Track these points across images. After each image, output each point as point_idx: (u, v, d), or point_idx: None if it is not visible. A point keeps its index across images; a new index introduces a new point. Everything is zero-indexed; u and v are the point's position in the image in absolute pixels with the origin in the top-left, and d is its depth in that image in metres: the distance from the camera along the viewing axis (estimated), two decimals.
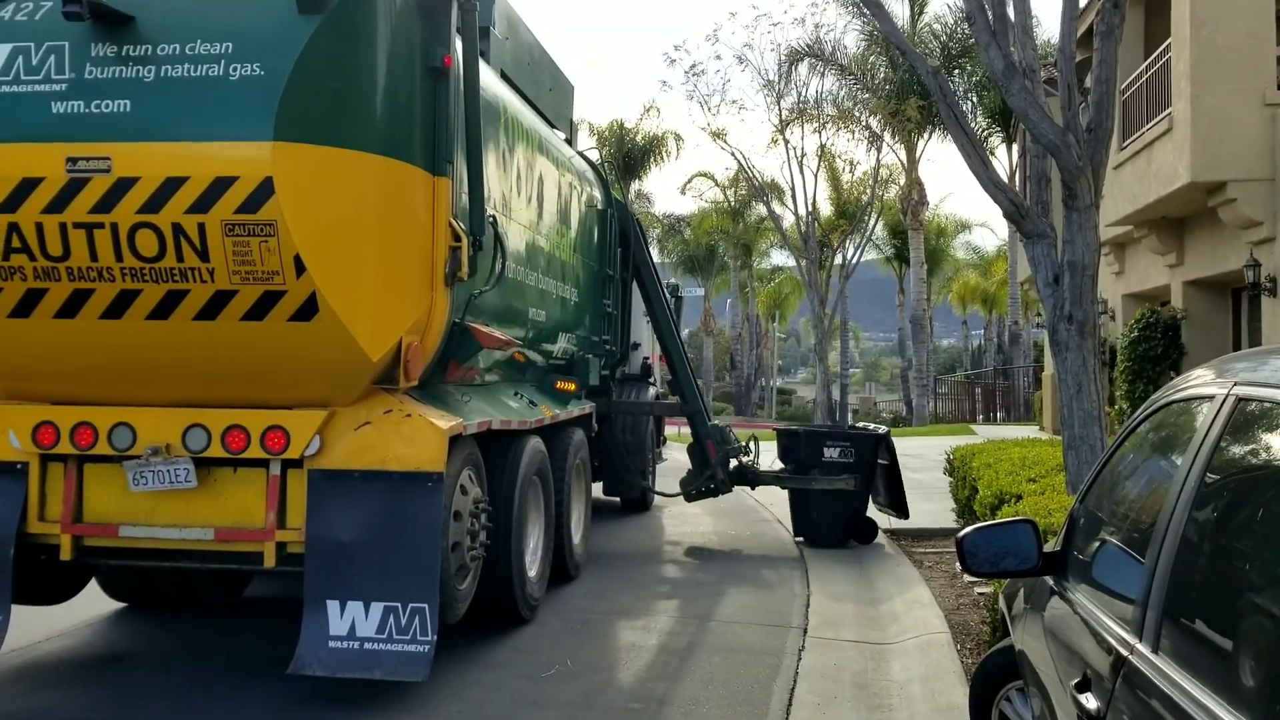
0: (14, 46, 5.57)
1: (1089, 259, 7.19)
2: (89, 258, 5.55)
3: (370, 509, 5.86)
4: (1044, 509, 6.54)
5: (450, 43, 6.21)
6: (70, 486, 6.15)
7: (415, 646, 5.69)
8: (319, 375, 5.92)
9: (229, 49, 5.46)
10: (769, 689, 6.45)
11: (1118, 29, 7.28)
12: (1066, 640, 3.17)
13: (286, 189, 5.40)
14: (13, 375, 6.11)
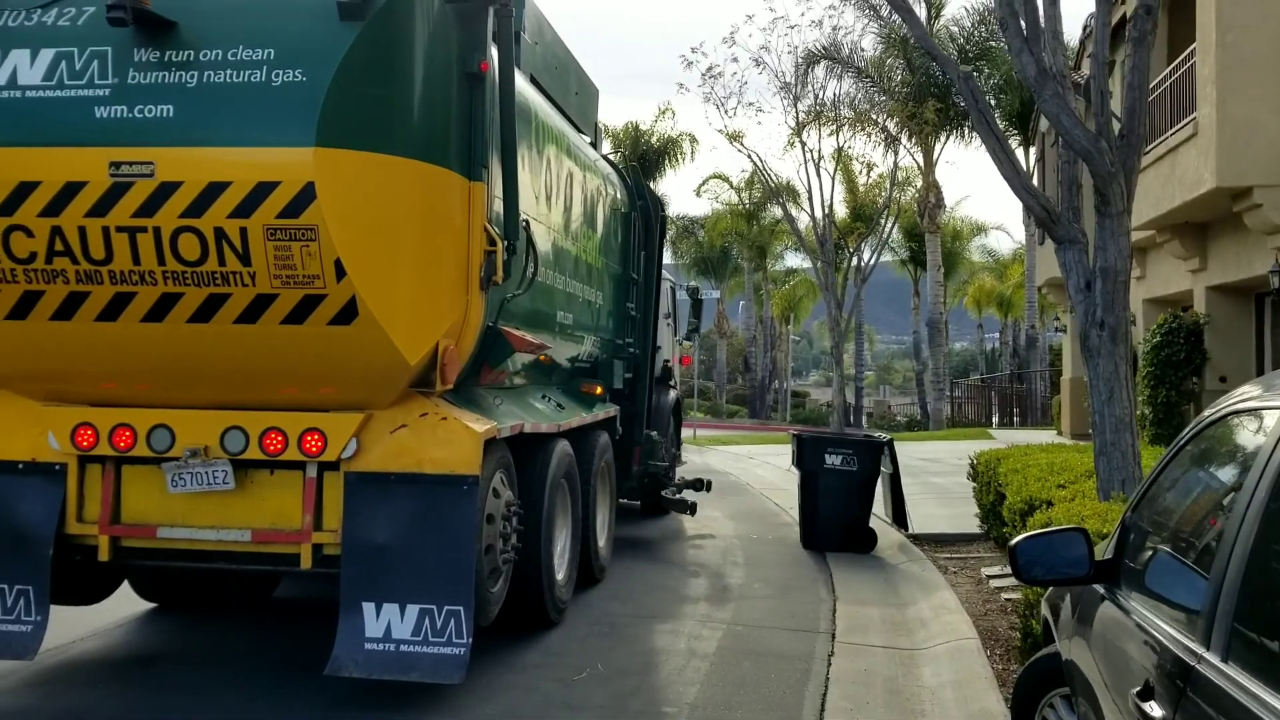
0: (57, 51, 5.60)
1: (1121, 265, 7.18)
2: (131, 261, 5.57)
3: (406, 511, 5.88)
4: (1077, 515, 6.53)
5: (486, 49, 6.24)
6: (108, 488, 6.19)
7: (451, 649, 5.73)
8: (357, 378, 5.96)
9: (271, 55, 5.48)
10: (800, 694, 6.46)
11: (1150, 35, 7.26)
12: (1122, 648, 3.17)
13: (328, 194, 5.43)
14: (53, 377, 6.17)
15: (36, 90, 5.60)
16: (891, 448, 11.64)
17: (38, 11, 5.67)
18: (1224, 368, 14.97)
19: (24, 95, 5.60)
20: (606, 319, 10.27)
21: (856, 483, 11.22)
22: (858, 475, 11.22)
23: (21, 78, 5.60)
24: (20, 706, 6.06)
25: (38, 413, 6.24)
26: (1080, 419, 21.52)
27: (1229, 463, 3.02)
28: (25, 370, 6.15)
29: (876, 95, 31.52)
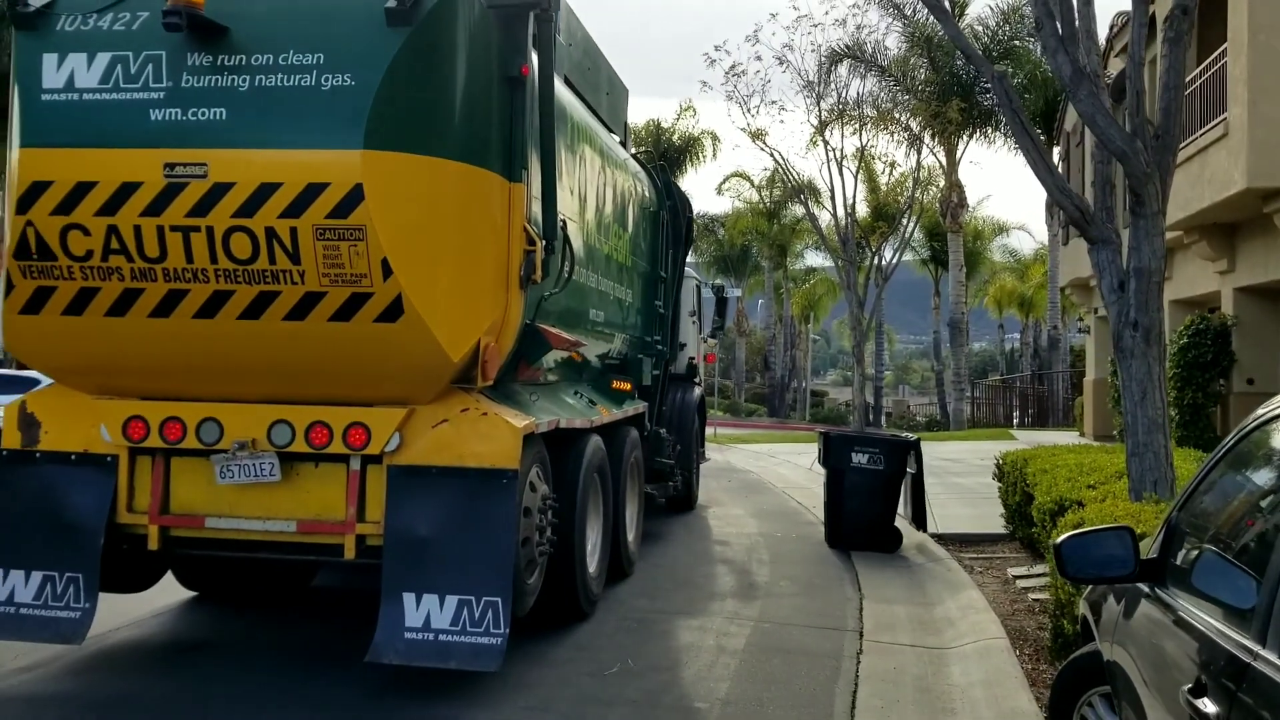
0: (113, 55, 5.75)
1: (1155, 265, 7.16)
2: (185, 259, 5.73)
3: (447, 504, 5.99)
4: (1109, 516, 6.51)
5: (527, 53, 6.37)
6: (158, 479, 6.34)
7: (488, 639, 5.82)
8: (401, 374, 6.07)
9: (320, 60, 5.64)
10: (831, 691, 6.48)
11: (1186, 35, 7.24)
12: (1170, 646, 3.19)
13: (375, 195, 5.57)
14: (106, 371, 6.31)
15: (93, 93, 5.77)
16: (918, 448, 11.64)
17: (94, 16, 5.83)
18: (1252, 370, 14.88)
19: (81, 98, 5.77)
20: (635, 317, 10.44)
21: (883, 482, 11.22)
22: (884, 474, 11.22)
23: (79, 81, 5.77)
24: (64, 691, 6.22)
25: (90, 405, 6.39)
26: (1103, 420, 21.43)
27: (1278, 465, 3.04)
28: (79, 364, 6.32)
29: (899, 94, 31.43)
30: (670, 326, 12.09)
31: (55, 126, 5.80)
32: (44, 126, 5.83)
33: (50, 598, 6.21)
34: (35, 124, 5.85)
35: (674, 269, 11.95)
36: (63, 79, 5.78)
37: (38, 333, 6.12)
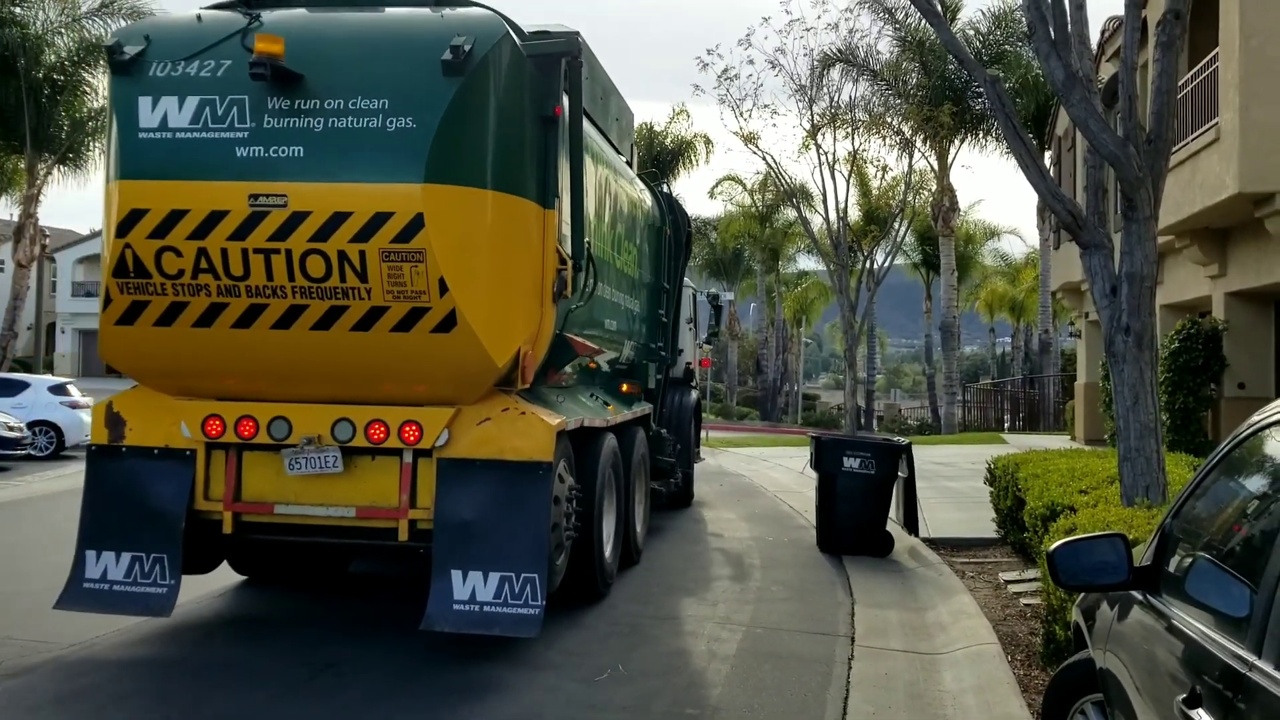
0: (202, 99, 6.50)
1: (1147, 270, 7.15)
2: (266, 278, 6.49)
3: (489, 492, 6.76)
4: (1101, 521, 6.50)
5: (559, 95, 7.10)
6: (231, 470, 7.10)
7: (527, 610, 6.56)
8: (452, 378, 6.85)
9: (385, 104, 6.39)
10: (822, 697, 6.44)
11: (1179, 39, 7.24)
12: (1163, 654, 3.16)
13: (434, 223, 6.35)
14: (189, 375, 7.05)
15: (185, 132, 6.52)
16: (909, 452, 11.62)
17: (182, 63, 6.59)
18: (1243, 374, 14.89)
19: (174, 136, 6.52)
20: (642, 325, 11.14)
21: (874, 486, 11.20)
22: (876, 478, 11.20)
23: (171, 121, 6.53)
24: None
25: (170, 405, 7.14)
26: (1094, 424, 21.45)
27: (1273, 473, 3.01)
28: (165, 369, 7.08)
29: (891, 98, 31.47)
30: (671, 333, 12.74)
31: (151, 161, 6.54)
32: (141, 161, 6.56)
33: (139, 576, 6.98)
34: (133, 158, 6.58)
35: (675, 279, 12.64)
36: (157, 119, 6.54)
37: (131, 341, 6.88)
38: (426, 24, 6.76)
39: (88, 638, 7.29)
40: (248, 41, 6.48)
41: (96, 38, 27.89)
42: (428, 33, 6.62)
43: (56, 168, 28.89)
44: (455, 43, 6.41)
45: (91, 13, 27.63)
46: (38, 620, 7.73)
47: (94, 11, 27.62)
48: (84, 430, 21.03)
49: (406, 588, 6.59)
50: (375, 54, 6.58)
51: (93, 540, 7.06)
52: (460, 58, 6.35)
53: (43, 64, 27.25)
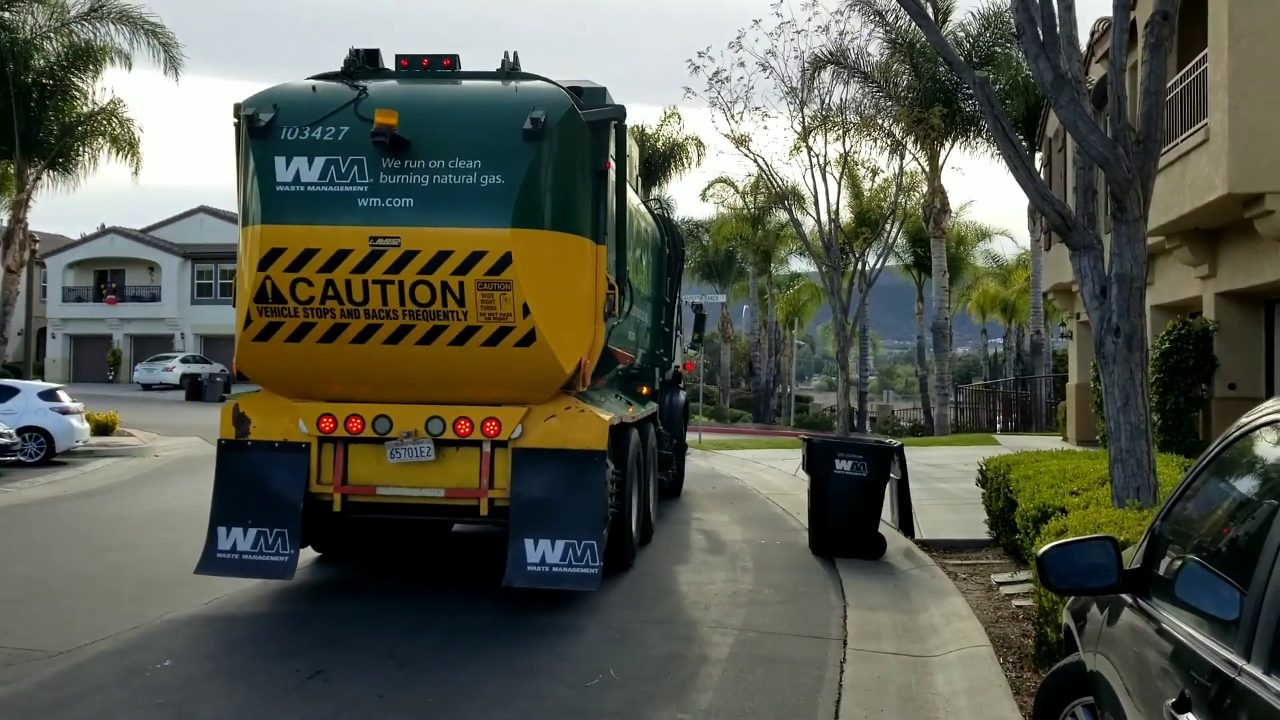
0: (327, 159, 7.94)
1: (1137, 271, 7.14)
2: (381, 303, 7.94)
3: (555, 475, 8.24)
4: (1092, 523, 6.49)
5: (608, 152, 8.64)
6: (339, 460, 8.49)
7: (588, 569, 8.08)
8: (527, 383, 8.34)
9: (479, 164, 7.89)
10: (814, 701, 6.43)
11: (1167, 40, 7.24)
12: (1153, 658, 3.14)
13: (519, 259, 7.86)
14: (309, 382, 8.45)
15: (315, 185, 7.94)
16: (901, 454, 11.60)
17: (309, 128, 8.00)
18: (1233, 375, 14.91)
19: (306, 189, 7.95)
20: (647, 334, 12.58)
21: (867, 488, 11.18)
22: (868, 480, 11.18)
23: (303, 176, 7.96)
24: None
25: (288, 406, 8.52)
26: (1086, 425, 21.47)
27: (1263, 474, 2.99)
28: (291, 377, 8.47)
29: (882, 100, 31.48)
30: (671, 341, 14.53)
31: (287, 209, 7.95)
32: (279, 209, 7.97)
33: (264, 547, 8.29)
34: (272, 207, 7.99)
35: (673, 292, 14.41)
36: (291, 175, 7.96)
37: (264, 355, 8.31)
38: (506, 97, 8.35)
39: (76, 645, 7.25)
40: (360, 110, 7.99)
41: (85, 41, 27.77)
42: (508, 105, 8.17)
43: (46, 173, 28.74)
44: (534, 115, 7.91)
45: (80, 17, 27.50)
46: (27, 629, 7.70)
47: (83, 16, 27.49)
48: (74, 436, 20.94)
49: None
50: (468, 123, 8.14)
51: (223, 519, 8.39)
52: (538, 127, 7.88)
53: (32, 69, 27.09)
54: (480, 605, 8.66)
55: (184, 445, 23.91)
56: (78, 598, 8.86)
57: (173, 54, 27.85)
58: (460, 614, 8.36)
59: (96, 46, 27.86)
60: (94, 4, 27.39)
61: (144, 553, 11.09)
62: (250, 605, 8.63)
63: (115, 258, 55.72)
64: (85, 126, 28.74)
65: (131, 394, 44.31)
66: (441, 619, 8.16)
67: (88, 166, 29.39)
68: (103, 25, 27.58)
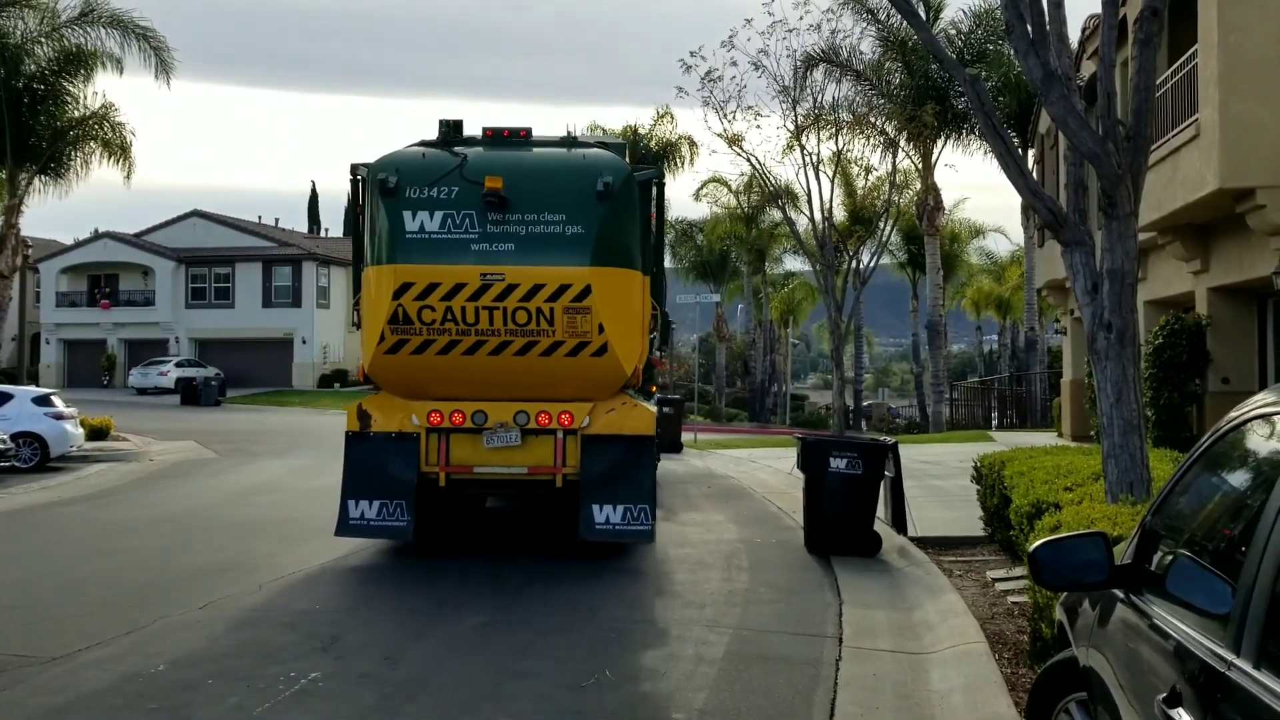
0: (444, 213, 10.12)
1: (1129, 267, 7.15)
2: (488, 324, 10.10)
3: (615, 455, 10.46)
4: (1085, 518, 6.50)
5: (652, 204, 11.30)
6: (443, 446, 10.57)
7: (644, 527, 10.32)
8: (596, 385, 10.56)
9: (563, 218, 10.16)
10: (810, 699, 6.43)
11: (1156, 36, 7.25)
12: (1144, 653, 3.15)
13: (596, 290, 10.13)
14: (424, 385, 10.50)
15: (436, 234, 10.11)
16: (895, 451, 11.60)
17: (428, 188, 10.17)
18: (1226, 369, 14.95)
19: (430, 237, 10.11)
20: (649, 341, 14.59)
21: (861, 486, 11.19)
22: (862, 478, 11.19)
23: (426, 227, 10.12)
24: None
25: (401, 405, 10.59)
26: (1081, 421, 21.50)
27: (1254, 468, 3.00)
28: (410, 382, 10.51)
29: (875, 98, 31.51)
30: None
31: (415, 252, 10.10)
32: (409, 252, 10.11)
33: (386, 515, 10.30)
34: (403, 251, 10.12)
35: (662, 303, 16.19)
36: (417, 226, 10.11)
37: (392, 364, 10.39)
38: (579, 164, 10.59)
39: (70, 650, 7.23)
40: (465, 173, 10.18)
41: (76, 46, 27.68)
42: (582, 171, 10.44)
43: (38, 178, 28.65)
44: (604, 179, 10.24)
45: (71, 21, 27.41)
46: (21, 635, 7.68)
47: (74, 20, 27.40)
48: (68, 441, 20.88)
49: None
50: (553, 186, 10.37)
51: (352, 494, 10.40)
52: (607, 189, 10.23)
53: (23, 74, 26.98)
54: (479, 608, 8.66)
55: (179, 450, 23.86)
56: (72, 603, 8.83)
57: (164, 58, 27.77)
58: (458, 618, 8.35)
59: (88, 51, 27.75)
60: (85, 8, 27.30)
61: (138, 557, 11.07)
62: (245, 610, 8.62)
63: (109, 262, 55.63)
64: (77, 131, 28.61)
65: (126, 398, 44.25)
66: (439, 624, 8.15)
67: (80, 171, 29.24)
68: (94, 29, 27.47)
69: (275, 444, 25.44)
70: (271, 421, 34.32)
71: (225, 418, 35.56)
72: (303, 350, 53.77)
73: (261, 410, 40.95)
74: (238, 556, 10.96)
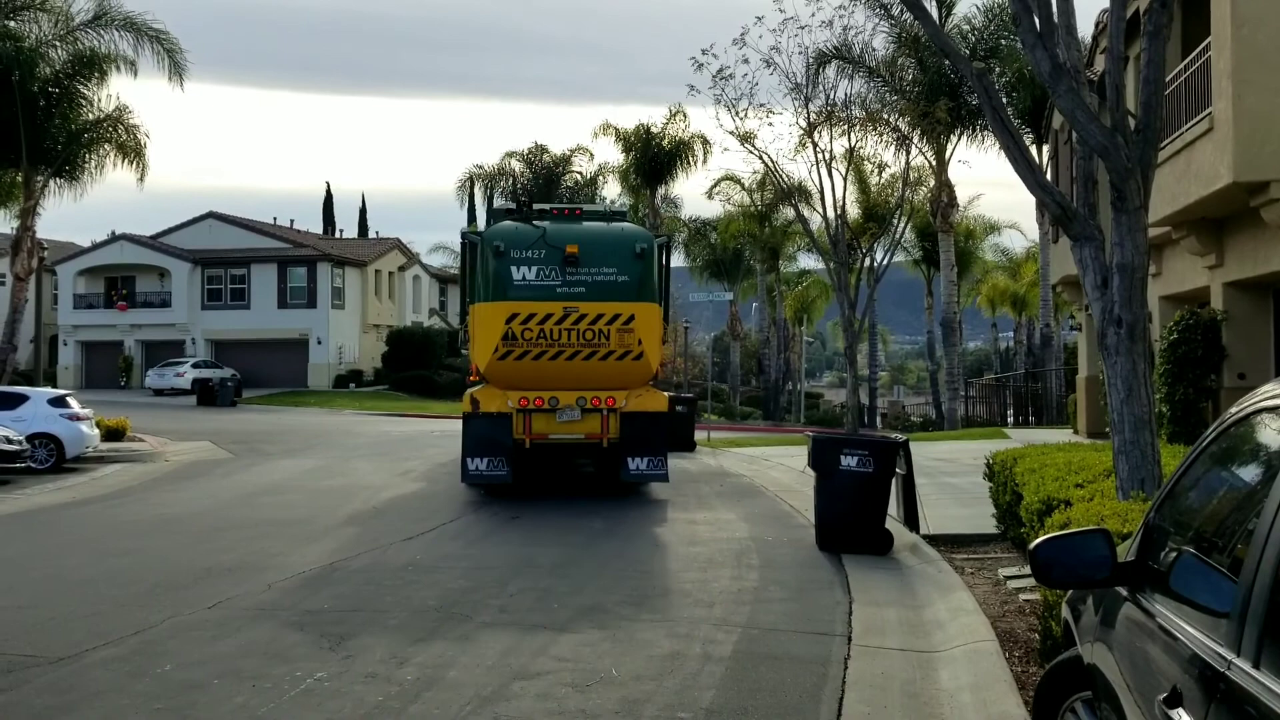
0: (538, 268, 15.29)
1: (1138, 261, 7.07)
2: (566, 340, 15.22)
3: (643, 425, 15.47)
4: (1095, 515, 6.43)
5: (664, 257, 17.08)
6: (528, 421, 15.40)
7: (660, 471, 15.55)
8: (633, 380, 15.67)
9: (615, 271, 15.48)
10: (817, 698, 6.38)
11: (1165, 28, 7.16)
12: (1147, 652, 3.09)
13: (637, 318, 15.47)
14: (520, 380, 15.37)
15: (534, 281, 15.29)
16: (906, 449, 11.54)
17: (525, 250, 15.30)
18: (1242, 364, 14.80)
19: (529, 283, 15.28)
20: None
21: (872, 483, 11.13)
22: (873, 476, 11.12)
23: (526, 278, 15.29)
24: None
25: (500, 394, 15.41)
26: (1097, 417, 21.34)
27: (1257, 462, 2.93)
28: (509, 377, 15.39)
29: (888, 95, 31.37)
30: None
31: (520, 294, 15.21)
32: (516, 294, 15.22)
33: (492, 468, 15.09)
34: (512, 293, 15.21)
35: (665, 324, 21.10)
36: (519, 276, 15.27)
37: (501, 367, 15.30)
38: (622, 233, 16.11)
39: (78, 650, 7.24)
40: (547, 240, 15.40)
41: (90, 49, 27.84)
42: (626, 239, 15.89)
43: (53, 180, 28.82)
44: (640, 245, 15.75)
45: (85, 24, 27.58)
46: (30, 634, 7.70)
47: (87, 24, 27.57)
48: (84, 442, 21.00)
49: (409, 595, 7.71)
50: (607, 250, 15.59)
51: (469, 453, 15.20)
52: (642, 252, 15.68)
53: (38, 77, 27.16)
54: (485, 610, 8.65)
55: (195, 450, 23.96)
56: (82, 603, 8.86)
57: (177, 60, 27.94)
58: (465, 619, 8.33)
59: (101, 53, 27.94)
60: (98, 11, 27.48)
61: (150, 558, 11.10)
62: (253, 609, 8.63)
63: (125, 264, 55.90)
64: (91, 134, 28.79)
65: (143, 399, 44.46)
66: (448, 624, 8.13)
67: (94, 173, 29.44)
68: (107, 32, 27.67)
69: (289, 444, 25.51)
70: (286, 421, 34.44)
71: (241, 418, 35.69)
72: (318, 350, 53.93)
73: (277, 410, 41.09)
74: (248, 556, 10.98)
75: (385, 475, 18.98)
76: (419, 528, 13.00)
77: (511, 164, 54.25)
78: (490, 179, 55.13)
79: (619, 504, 15.34)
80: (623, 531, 12.96)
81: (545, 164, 53.67)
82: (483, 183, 55.51)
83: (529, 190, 53.75)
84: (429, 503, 15.60)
